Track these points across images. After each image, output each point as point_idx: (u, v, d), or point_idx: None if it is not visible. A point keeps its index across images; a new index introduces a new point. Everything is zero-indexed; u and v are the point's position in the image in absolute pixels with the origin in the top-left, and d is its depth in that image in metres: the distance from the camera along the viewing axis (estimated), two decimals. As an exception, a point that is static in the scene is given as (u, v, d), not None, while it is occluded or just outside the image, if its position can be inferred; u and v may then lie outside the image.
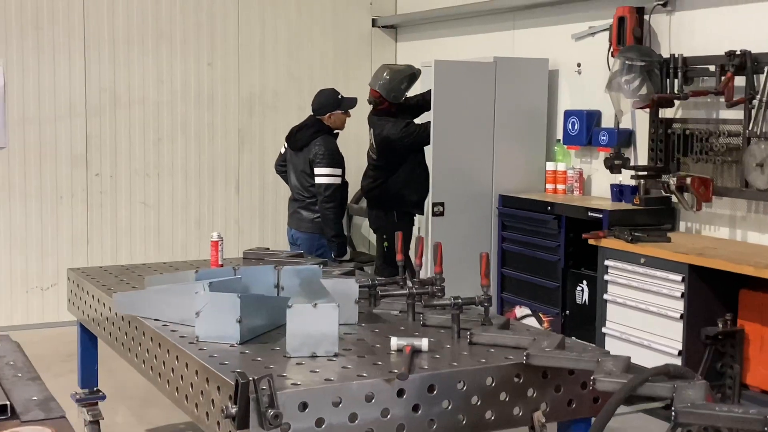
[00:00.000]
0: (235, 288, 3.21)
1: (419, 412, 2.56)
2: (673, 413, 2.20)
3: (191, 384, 2.78)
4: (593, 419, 2.76)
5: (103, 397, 4.28)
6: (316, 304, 2.76)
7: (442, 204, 5.85)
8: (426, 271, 4.97)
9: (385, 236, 6.03)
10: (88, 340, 4.30)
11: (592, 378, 2.49)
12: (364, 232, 8.00)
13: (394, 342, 2.83)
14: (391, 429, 2.52)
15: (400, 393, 2.53)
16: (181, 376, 2.86)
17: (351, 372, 2.60)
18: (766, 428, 2.06)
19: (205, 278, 3.29)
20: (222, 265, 4.13)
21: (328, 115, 5.65)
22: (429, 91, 5.91)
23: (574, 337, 5.30)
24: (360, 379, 2.53)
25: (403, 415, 2.53)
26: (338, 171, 5.57)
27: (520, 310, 5.74)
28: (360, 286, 3.31)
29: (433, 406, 2.58)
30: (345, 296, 3.18)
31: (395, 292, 3.34)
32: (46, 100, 6.72)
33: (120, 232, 7.02)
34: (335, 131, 5.74)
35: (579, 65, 5.94)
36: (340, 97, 5.70)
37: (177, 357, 2.91)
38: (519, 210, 5.73)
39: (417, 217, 6.23)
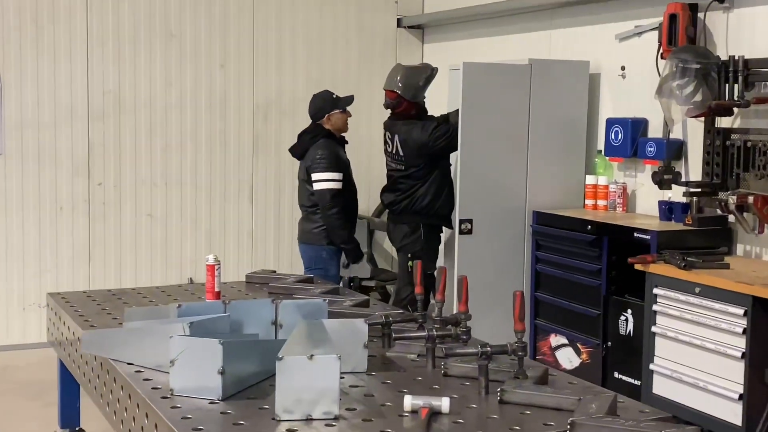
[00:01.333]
0: (222, 328, 2.73)
1: (436, 497, 2.05)
2: None
3: (161, 450, 2.28)
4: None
5: (86, 438, 3.81)
6: (312, 355, 2.25)
7: (470, 221, 5.32)
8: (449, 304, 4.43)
9: (410, 255, 5.50)
10: (68, 373, 3.81)
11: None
12: (386, 248, 7.48)
13: (408, 402, 2.31)
14: None
15: (413, 472, 2.03)
16: (151, 439, 2.37)
17: (353, 444, 2.10)
18: None
19: (189, 315, 2.81)
20: (219, 293, 3.64)
21: (326, 117, 5.37)
22: (456, 112, 5.39)
23: (617, 373, 4.75)
24: (364, 456, 2.02)
25: (417, 502, 2.03)
26: (337, 175, 5.25)
27: (555, 339, 5.19)
28: (370, 324, 2.81)
29: (455, 489, 2.07)
30: (353, 339, 2.69)
31: (412, 334, 2.82)
32: (45, 103, 6.29)
33: (124, 246, 6.57)
34: (340, 135, 5.40)
35: (623, 69, 5.39)
36: (335, 96, 5.39)
37: (147, 414, 2.42)
38: (555, 228, 5.18)
39: (443, 235, 5.72)
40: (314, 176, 5.31)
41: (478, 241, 5.57)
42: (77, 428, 3.86)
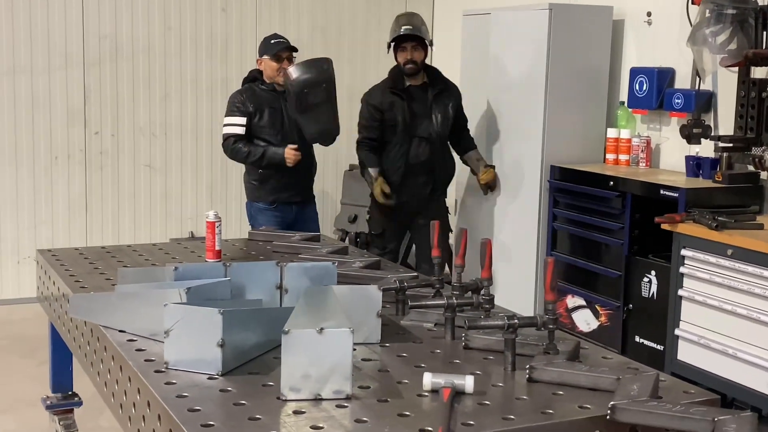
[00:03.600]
0: (222, 293, 2.49)
1: (462, 488, 1.82)
2: None
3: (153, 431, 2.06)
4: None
5: (79, 403, 3.60)
6: (322, 328, 2.01)
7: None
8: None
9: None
10: (60, 336, 3.59)
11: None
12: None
13: (428, 380, 2.08)
14: None
15: (434, 463, 1.80)
16: (143, 417, 2.14)
17: (368, 429, 1.87)
18: None
19: (186, 278, 2.57)
20: (220, 251, 3.40)
21: (258, 61, 4.99)
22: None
23: (638, 337, 4.52)
24: (380, 444, 1.79)
25: (440, 493, 1.80)
26: (234, 119, 4.83)
27: (572, 300, 4.96)
28: (384, 290, 2.57)
29: (479, 479, 1.84)
30: (365, 307, 2.45)
31: (429, 302, 2.58)
32: (38, 48, 6.00)
33: (123, 197, 6.33)
34: (272, 81, 4.88)
35: (649, 15, 5.08)
36: (271, 41, 4.93)
37: (138, 389, 2.19)
38: (574, 184, 4.92)
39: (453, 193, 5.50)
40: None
41: (491, 198, 5.35)
42: (69, 392, 3.64)
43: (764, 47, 4.11)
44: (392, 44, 5.01)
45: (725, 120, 4.54)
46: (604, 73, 5.25)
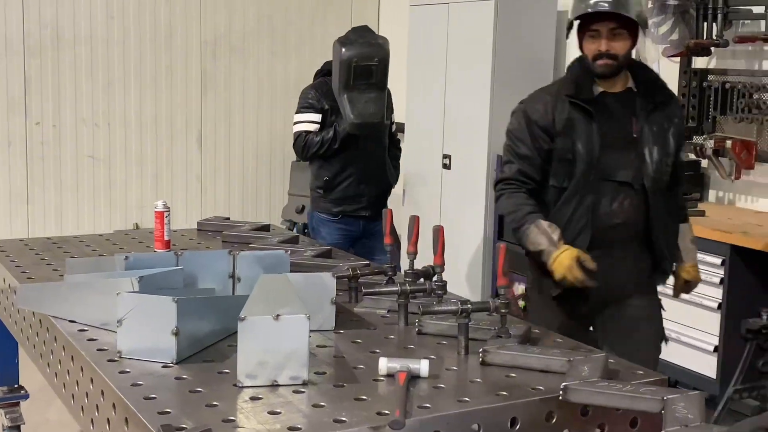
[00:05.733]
0: (175, 282, 2.48)
1: (418, 470, 1.84)
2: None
3: (108, 421, 2.04)
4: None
5: (26, 396, 3.54)
6: (278, 315, 2.01)
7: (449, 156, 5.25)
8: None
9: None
10: (5, 327, 3.52)
11: (663, 432, 1.78)
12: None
13: (384, 365, 2.10)
14: (377, 497, 1.80)
15: (391, 445, 1.82)
16: (97, 406, 2.12)
17: (325, 414, 1.87)
18: None
19: (137, 267, 2.55)
20: (169, 242, 3.37)
21: None
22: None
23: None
24: (338, 427, 1.80)
25: (396, 475, 1.82)
26: (306, 116, 4.46)
27: (519, 288, 5.03)
28: (338, 277, 2.58)
29: (439, 461, 1.87)
30: (319, 295, 2.46)
31: (383, 288, 2.60)
32: (-24, 36, 5.85)
33: (65, 189, 6.22)
34: None
35: (592, 6, 5.15)
36: None
37: (91, 379, 2.16)
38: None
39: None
40: None
41: (440, 187, 5.40)
42: (15, 385, 3.57)
43: (705, 38, 4.22)
44: (573, 25, 3.00)
45: (667, 110, 4.64)
46: (549, 64, 5.32)
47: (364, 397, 1.96)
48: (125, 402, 1.90)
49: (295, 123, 4.38)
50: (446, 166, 5.48)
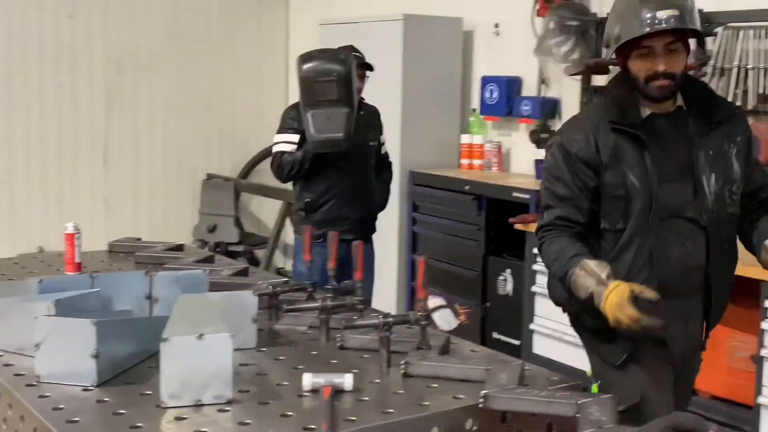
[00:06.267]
0: (92, 305, 2.44)
1: (344, 481, 1.87)
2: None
3: (28, 447, 2.00)
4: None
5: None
6: (201, 334, 2.01)
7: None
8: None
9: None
10: None
11: (581, 435, 1.85)
12: (253, 211, 7.22)
13: (308, 380, 2.12)
14: None
15: (320, 458, 1.85)
16: (15, 433, 2.08)
17: (252, 431, 1.88)
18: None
19: (52, 291, 2.50)
20: (80, 264, 3.30)
21: None
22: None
23: (495, 333, 4.72)
24: (265, 443, 1.82)
25: (325, 488, 1.85)
26: (285, 137, 4.21)
27: (433, 301, 5.12)
28: (258, 295, 2.59)
29: (364, 471, 1.90)
30: (240, 313, 2.46)
31: (304, 305, 2.62)
32: None
33: (-35, 212, 6.01)
34: None
35: (497, 26, 5.33)
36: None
37: (10, 404, 2.12)
38: (432, 189, 5.09)
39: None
40: None
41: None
42: None
43: (604, 57, 4.40)
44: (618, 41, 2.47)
45: (570, 125, 4.81)
46: (457, 82, 5.45)
47: (290, 413, 1.98)
48: (48, 426, 1.87)
49: (274, 143, 4.19)
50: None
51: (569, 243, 2.44)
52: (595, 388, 2.71)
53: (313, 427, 1.88)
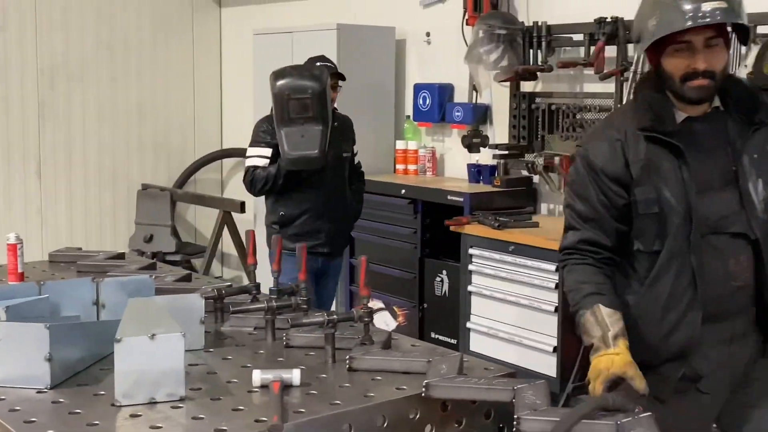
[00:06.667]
0: (41, 311, 2.48)
1: (296, 470, 1.97)
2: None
3: (-16, 449, 2.04)
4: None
5: None
6: (154, 335, 2.09)
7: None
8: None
9: None
10: None
11: (516, 417, 1.98)
12: (189, 221, 7.23)
13: (258, 376, 2.21)
14: (260, 498, 1.92)
15: (272, 449, 1.93)
16: (-30, 438, 2.11)
17: (206, 425, 1.96)
18: None
19: (0, 299, 2.54)
20: (22, 274, 3.32)
21: None
22: None
23: (433, 334, 4.85)
24: (219, 436, 1.90)
25: (276, 477, 1.94)
26: (257, 150, 4.22)
27: (371, 304, 5.21)
28: (204, 298, 2.66)
29: (313, 459, 2.00)
30: (187, 315, 2.52)
31: (251, 306, 2.71)
32: None
33: None
34: None
35: (428, 35, 5.47)
36: (315, 64, 4.34)
37: (-37, 411, 2.15)
38: (369, 194, 5.18)
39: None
40: None
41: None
42: None
43: (531, 64, 4.58)
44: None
45: (501, 130, 4.99)
46: (390, 89, 5.58)
47: (242, 408, 2.07)
48: (6, 426, 1.92)
49: (247, 157, 4.16)
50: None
51: (590, 275, 2.22)
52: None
53: (264, 419, 1.97)
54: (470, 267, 4.44)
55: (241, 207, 6.08)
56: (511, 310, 4.28)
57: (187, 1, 7.13)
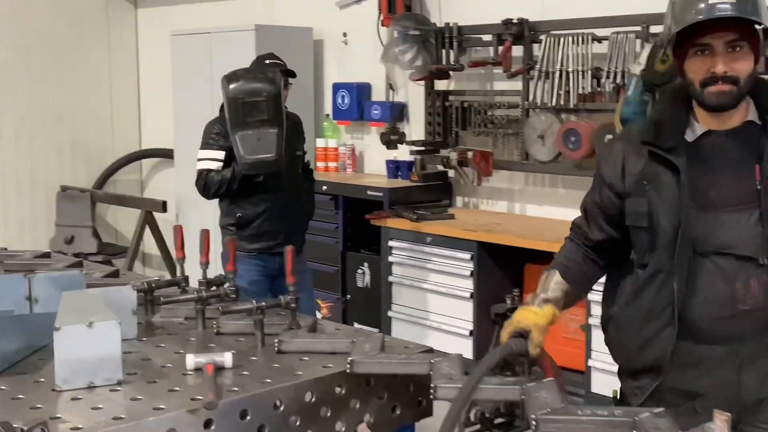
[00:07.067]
0: (-26, 306, 2.55)
1: (230, 445, 2.11)
2: (533, 423, 1.93)
3: (-74, 438, 2.12)
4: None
5: None
6: (91, 323, 2.20)
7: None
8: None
9: None
10: None
11: (432, 385, 2.16)
12: (109, 221, 7.23)
13: (191, 360, 2.33)
14: (198, 470, 2.05)
15: (208, 424, 2.06)
16: None
17: (144, 405, 2.08)
18: (634, 431, 1.83)
19: (-66, 295, 2.60)
20: (-50, 273, 3.35)
21: None
22: None
23: (357, 323, 5.03)
24: (158, 414, 2.03)
25: (213, 450, 2.08)
26: (209, 153, 4.22)
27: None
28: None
29: (247, 434, 2.15)
30: (120, 306, 2.60)
31: (182, 297, 2.83)
32: None
33: None
34: None
35: (345, 35, 5.64)
36: (264, 62, 4.37)
37: None
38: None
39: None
40: None
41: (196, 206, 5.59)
42: None
43: (444, 63, 4.79)
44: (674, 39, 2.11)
45: (417, 127, 5.20)
46: (309, 89, 5.73)
47: (177, 389, 2.19)
48: (-50, 413, 2.01)
49: (198, 160, 4.11)
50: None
51: (570, 251, 2.32)
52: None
53: (200, 398, 2.10)
54: (390, 258, 4.63)
55: (163, 206, 6.14)
56: (430, 298, 4.48)
57: (102, 3, 7.12)
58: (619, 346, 2.28)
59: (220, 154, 4.00)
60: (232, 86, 3.87)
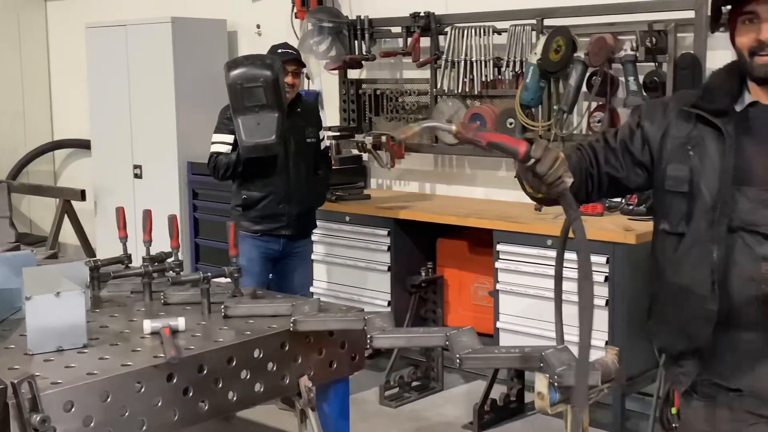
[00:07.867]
0: (-63, 284, 2.74)
1: (190, 394, 2.38)
2: (458, 360, 2.27)
3: None
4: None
5: None
6: (59, 292, 2.43)
7: (139, 167, 5.61)
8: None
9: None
10: None
11: (369, 336, 2.48)
12: (24, 212, 7.27)
13: (148, 325, 2.58)
14: (164, 416, 2.31)
15: (170, 378, 2.33)
16: None
17: (112, 363, 2.33)
18: (541, 364, 2.18)
19: None
20: None
21: None
22: None
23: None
24: (126, 368, 2.28)
25: (174, 400, 2.34)
26: (221, 137, 4.39)
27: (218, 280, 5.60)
28: (84, 268, 2.99)
29: (204, 386, 2.41)
30: (74, 280, 2.81)
31: (129, 272, 3.06)
32: None
33: None
34: None
35: (259, 27, 5.87)
36: (277, 51, 4.43)
37: None
38: (209, 177, 5.55)
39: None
40: None
41: (144, 188, 5.76)
42: None
43: (357, 53, 5.09)
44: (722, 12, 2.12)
45: (331, 114, 5.48)
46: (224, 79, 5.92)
47: (139, 349, 2.45)
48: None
49: (211, 143, 4.29)
50: (138, 176, 5.87)
51: (580, 152, 2.16)
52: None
53: (161, 355, 2.36)
54: (314, 237, 4.91)
55: (82, 195, 6.26)
56: (351, 273, 4.80)
57: (11, -5, 7.14)
58: (660, 326, 2.16)
59: (229, 138, 4.17)
60: (232, 73, 4.06)
